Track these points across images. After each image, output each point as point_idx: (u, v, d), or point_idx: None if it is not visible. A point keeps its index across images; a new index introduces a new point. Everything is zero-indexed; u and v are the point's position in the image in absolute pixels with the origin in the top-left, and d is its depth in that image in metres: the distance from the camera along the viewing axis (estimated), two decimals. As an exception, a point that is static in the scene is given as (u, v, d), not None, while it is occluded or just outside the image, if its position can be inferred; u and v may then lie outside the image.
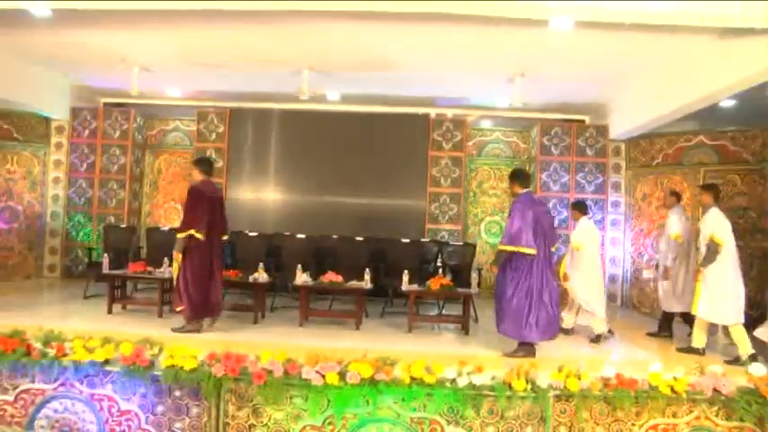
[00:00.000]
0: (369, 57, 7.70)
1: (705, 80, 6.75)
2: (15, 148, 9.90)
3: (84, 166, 10.19)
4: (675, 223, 7.03)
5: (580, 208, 7.28)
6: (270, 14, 6.05)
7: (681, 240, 6.96)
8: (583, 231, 7.04)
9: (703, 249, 6.13)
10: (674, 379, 4.50)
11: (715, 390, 4.47)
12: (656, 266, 7.40)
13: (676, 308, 7.03)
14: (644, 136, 9.37)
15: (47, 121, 10.14)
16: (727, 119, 8.34)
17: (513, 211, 5.70)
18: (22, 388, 4.68)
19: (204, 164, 6.56)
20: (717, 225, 6.05)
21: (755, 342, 5.83)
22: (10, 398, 4.68)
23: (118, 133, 10.24)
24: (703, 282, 6.02)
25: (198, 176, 6.41)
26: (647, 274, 8.52)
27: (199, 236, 6.06)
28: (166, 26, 6.82)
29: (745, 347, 5.81)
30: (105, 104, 10.60)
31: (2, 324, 5.07)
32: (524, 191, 5.89)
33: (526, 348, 5.70)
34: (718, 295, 5.93)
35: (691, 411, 4.49)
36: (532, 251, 5.52)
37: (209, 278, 6.22)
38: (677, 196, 7.38)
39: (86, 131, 10.19)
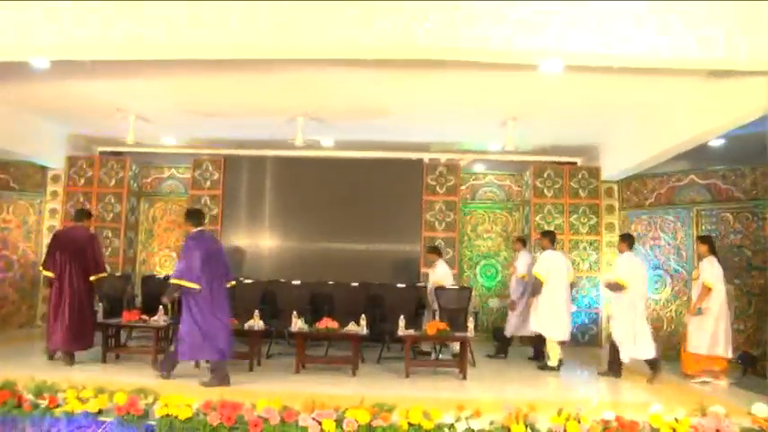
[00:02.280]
0: (363, 104, 7.82)
1: (693, 121, 6.87)
2: (11, 197, 9.94)
3: (80, 214, 10.20)
4: (522, 265, 8.37)
5: (436, 251, 8.76)
6: (265, 63, 6.14)
7: (526, 279, 8.21)
8: (441, 273, 8.46)
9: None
10: (676, 421, 4.45)
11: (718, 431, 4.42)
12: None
13: (522, 332, 8.26)
14: (636, 176, 9.47)
15: (43, 170, 10.21)
16: (717, 158, 8.44)
17: (183, 248, 6.15)
18: (12, 442, 4.58)
19: (77, 213, 7.50)
20: (539, 264, 7.65)
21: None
22: (0, 452, 4.58)
23: (113, 181, 10.28)
24: (534, 308, 7.66)
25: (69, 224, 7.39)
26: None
27: (46, 273, 7.05)
28: (162, 76, 6.92)
29: (553, 360, 7.41)
30: (101, 153, 10.68)
31: (-7, 376, 4.99)
32: (196, 229, 6.27)
33: (219, 375, 5.93)
34: (545, 316, 7.52)
35: (694, 453, 4.43)
36: (195, 286, 5.90)
37: (55, 316, 6.80)
38: (523, 242, 8.80)
39: (82, 180, 10.23)
